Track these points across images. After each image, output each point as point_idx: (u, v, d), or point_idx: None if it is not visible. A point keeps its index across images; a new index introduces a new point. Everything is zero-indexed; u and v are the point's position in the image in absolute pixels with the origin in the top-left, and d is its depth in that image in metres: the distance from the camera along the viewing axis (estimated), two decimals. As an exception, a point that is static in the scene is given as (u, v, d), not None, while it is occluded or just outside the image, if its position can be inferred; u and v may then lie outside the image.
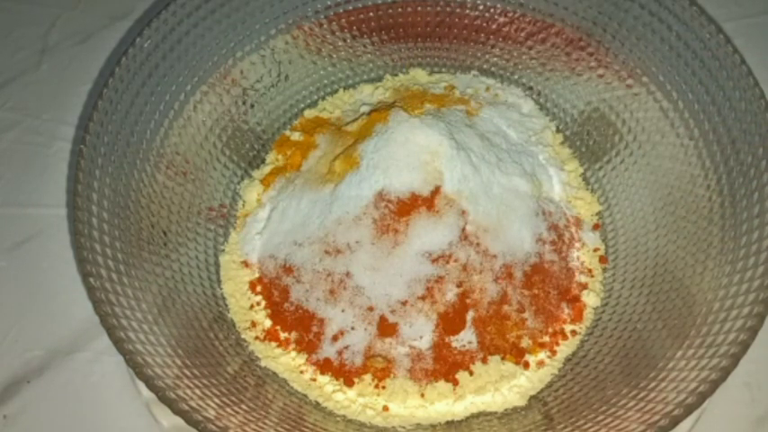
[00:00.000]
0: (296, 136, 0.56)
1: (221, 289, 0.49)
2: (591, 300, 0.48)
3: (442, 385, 0.45)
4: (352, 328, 0.46)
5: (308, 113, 0.58)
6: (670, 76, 0.47)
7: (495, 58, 0.57)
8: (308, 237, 0.49)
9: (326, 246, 0.48)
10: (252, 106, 0.55)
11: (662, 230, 0.47)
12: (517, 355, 0.46)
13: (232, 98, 0.53)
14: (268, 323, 0.48)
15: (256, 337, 0.48)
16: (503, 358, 0.46)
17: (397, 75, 0.59)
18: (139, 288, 0.42)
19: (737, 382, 0.47)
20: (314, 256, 0.48)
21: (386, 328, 0.46)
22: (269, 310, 0.49)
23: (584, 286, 0.49)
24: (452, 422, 0.44)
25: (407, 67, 0.59)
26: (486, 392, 0.45)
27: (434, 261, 0.46)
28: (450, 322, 0.46)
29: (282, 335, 0.48)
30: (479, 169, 0.48)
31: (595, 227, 0.51)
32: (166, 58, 0.48)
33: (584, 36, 0.52)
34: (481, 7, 0.55)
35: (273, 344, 0.47)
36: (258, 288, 0.50)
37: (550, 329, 0.47)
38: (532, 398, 0.45)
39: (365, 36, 0.57)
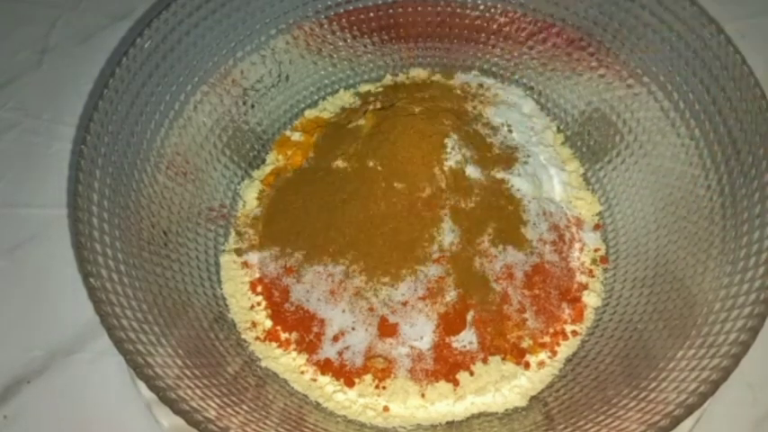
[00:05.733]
0: (296, 136, 0.56)
1: (222, 289, 0.49)
2: (591, 300, 0.48)
3: (443, 385, 0.45)
4: (353, 329, 0.46)
5: (309, 113, 0.58)
6: (671, 76, 0.47)
7: (496, 58, 0.57)
8: (309, 237, 0.49)
9: (327, 246, 0.48)
10: (252, 106, 0.55)
11: (663, 231, 0.46)
12: (518, 355, 0.46)
13: (232, 98, 0.53)
14: (269, 323, 0.48)
15: (257, 338, 0.48)
16: (503, 358, 0.46)
17: (397, 74, 0.59)
18: (140, 288, 0.42)
19: (738, 383, 0.47)
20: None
21: (386, 329, 0.46)
22: (269, 311, 0.49)
23: (584, 286, 0.49)
24: (453, 422, 0.44)
25: (408, 67, 0.59)
26: (487, 393, 0.45)
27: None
28: (450, 322, 0.46)
29: (283, 335, 0.48)
30: (480, 169, 0.48)
31: (596, 227, 0.51)
32: (167, 58, 0.48)
33: (585, 36, 0.52)
34: (482, 7, 0.55)
35: (274, 344, 0.47)
36: (259, 288, 0.50)
37: (551, 330, 0.47)
38: (533, 398, 0.45)
39: (365, 36, 0.57)
